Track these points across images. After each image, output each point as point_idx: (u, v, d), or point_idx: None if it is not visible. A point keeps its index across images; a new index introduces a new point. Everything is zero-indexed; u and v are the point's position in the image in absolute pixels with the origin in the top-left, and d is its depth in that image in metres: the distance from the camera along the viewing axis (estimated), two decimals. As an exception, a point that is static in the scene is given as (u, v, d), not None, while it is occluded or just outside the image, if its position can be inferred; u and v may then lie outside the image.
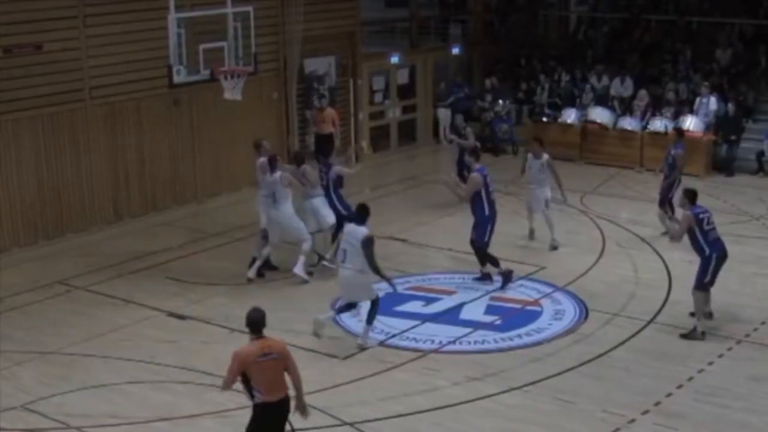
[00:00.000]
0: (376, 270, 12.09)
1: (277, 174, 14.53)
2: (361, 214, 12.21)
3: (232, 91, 15.29)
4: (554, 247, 16.02)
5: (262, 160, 14.91)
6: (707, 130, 21.09)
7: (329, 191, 15.20)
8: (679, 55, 23.88)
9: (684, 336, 12.53)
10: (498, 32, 26.79)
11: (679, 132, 17.12)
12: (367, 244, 11.85)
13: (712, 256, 12.42)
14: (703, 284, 12.53)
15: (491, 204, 14.22)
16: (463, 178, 16.23)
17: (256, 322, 8.53)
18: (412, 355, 12.16)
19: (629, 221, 17.72)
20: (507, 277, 14.32)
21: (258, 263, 14.86)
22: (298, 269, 14.68)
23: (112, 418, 10.55)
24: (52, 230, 17.05)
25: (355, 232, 12.02)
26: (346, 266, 12.14)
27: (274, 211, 14.60)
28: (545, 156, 16.06)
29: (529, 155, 16.42)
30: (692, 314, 12.85)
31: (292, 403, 8.77)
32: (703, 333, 12.47)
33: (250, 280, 14.78)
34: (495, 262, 14.34)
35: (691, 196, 12.65)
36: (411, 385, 11.32)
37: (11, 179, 16.42)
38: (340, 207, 15.16)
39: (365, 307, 12.54)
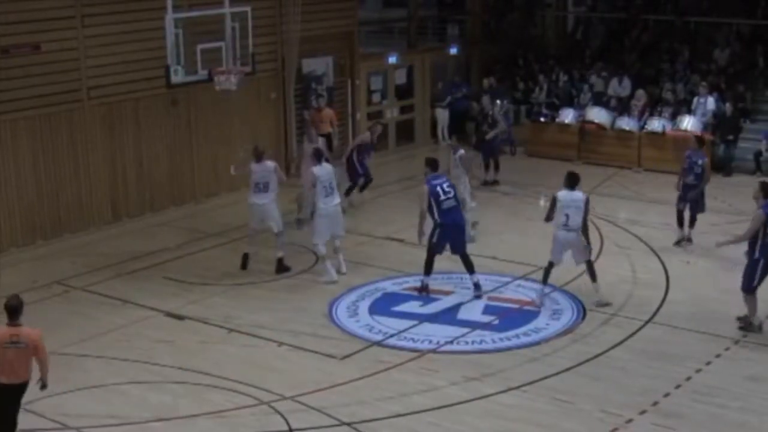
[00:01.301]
0: (587, 227, 13.70)
1: (329, 166, 14.93)
2: (574, 180, 13.42)
3: (224, 83, 15.15)
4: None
5: (268, 163, 14.98)
6: (705, 130, 21.07)
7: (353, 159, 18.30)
8: (677, 55, 23.88)
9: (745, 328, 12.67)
10: (496, 32, 26.79)
11: (701, 141, 16.61)
12: (589, 204, 13.50)
13: (760, 260, 12.34)
14: (752, 287, 12.48)
15: (442, 212, 13.76)
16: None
17: (11, 309, 9.17)
18: (410, 355, 12.15)
19: (627, 221, 17.72)
20: (424, 289, 14.14)
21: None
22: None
23: (110, 419, 10.55)
24: (50, 230, 17.03)
25: (574, 196, 13.37)
26: (571, 228, 13.32)
27: (330, 206, 14.67)
28: (460, 151, 16.41)
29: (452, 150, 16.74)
30: (740, 322, 12.75)
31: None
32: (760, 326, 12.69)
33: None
34: (427, 270, 14.09)
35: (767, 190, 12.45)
36: (409, 385, 11.31)
37: (9, 179, 16.40)
38: (359, 168, 18.24)
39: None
